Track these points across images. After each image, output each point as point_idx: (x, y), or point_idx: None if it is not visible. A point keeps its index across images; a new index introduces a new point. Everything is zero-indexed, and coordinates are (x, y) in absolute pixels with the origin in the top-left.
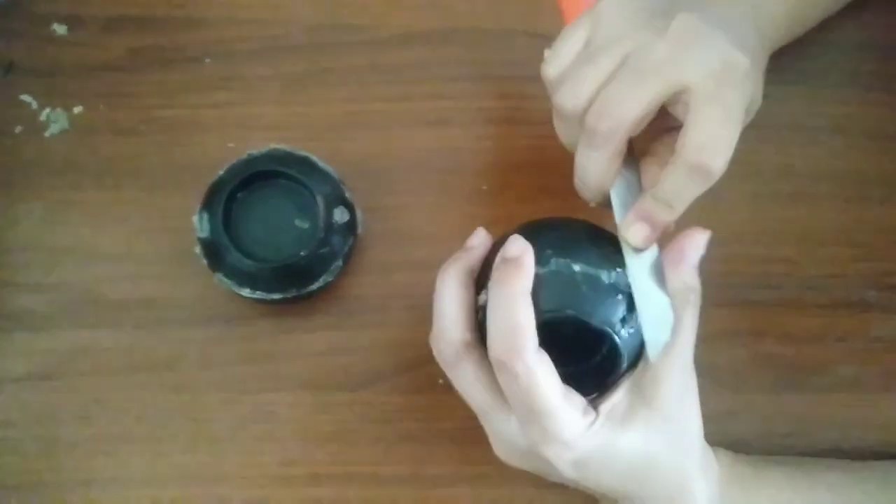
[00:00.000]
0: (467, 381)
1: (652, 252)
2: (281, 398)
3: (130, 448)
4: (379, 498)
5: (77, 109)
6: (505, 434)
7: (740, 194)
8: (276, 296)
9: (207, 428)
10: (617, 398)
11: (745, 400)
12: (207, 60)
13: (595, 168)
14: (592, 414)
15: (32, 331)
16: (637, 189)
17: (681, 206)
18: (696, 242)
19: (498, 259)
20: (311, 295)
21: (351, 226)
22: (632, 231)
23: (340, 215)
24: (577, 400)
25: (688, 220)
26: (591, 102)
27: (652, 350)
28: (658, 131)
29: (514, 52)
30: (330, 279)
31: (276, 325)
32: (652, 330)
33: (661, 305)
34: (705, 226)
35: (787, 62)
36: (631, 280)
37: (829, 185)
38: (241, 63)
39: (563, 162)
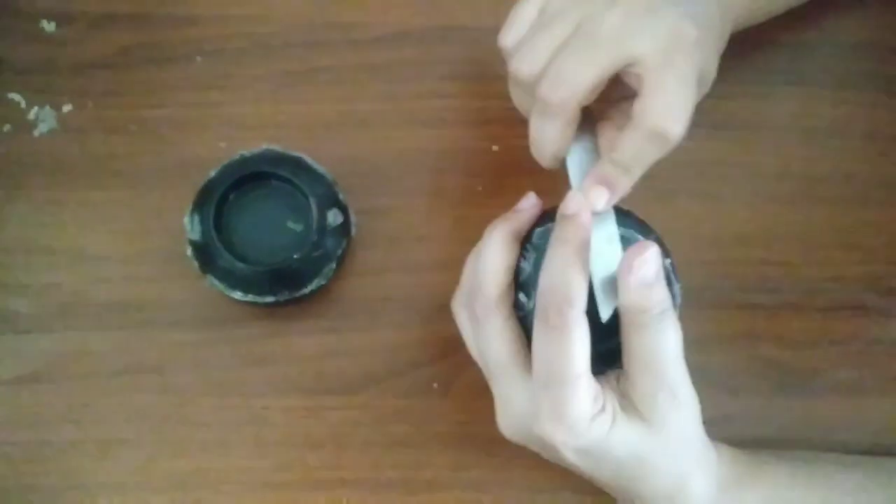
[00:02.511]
0: (495, 335)
1: (609, 219)
2: (273, 402)
3: (120, 452)
4: (372, 502)
5: (66, 108)
6: (515, 402)
7: (737, 196)
8: (269, 299)
9: (199, 432)
10: (611, 393)
11: (741, 403)
12: (199, 59)
13: (549, 136)
14: (601, 401)
15: (21, 333)
16: (594, 155)
17: (638, 171)
18: (638, 261)
19: (557, 217)
20: (303, 298)
21: (344, 228)
22: (591, 194)
23: (334, 217)
24: (594, 385)
25: (685, 221)
26: (544, 70)
27: (603, 312)
28: (614, 99)
29: None
30: (323, 282)
31: (268, 329)
32: (603, 294)
33: (612, 270)
34: (702, 227)
35: (784, 64)
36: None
37: (826, 187)
38: (233, 62)
39: None
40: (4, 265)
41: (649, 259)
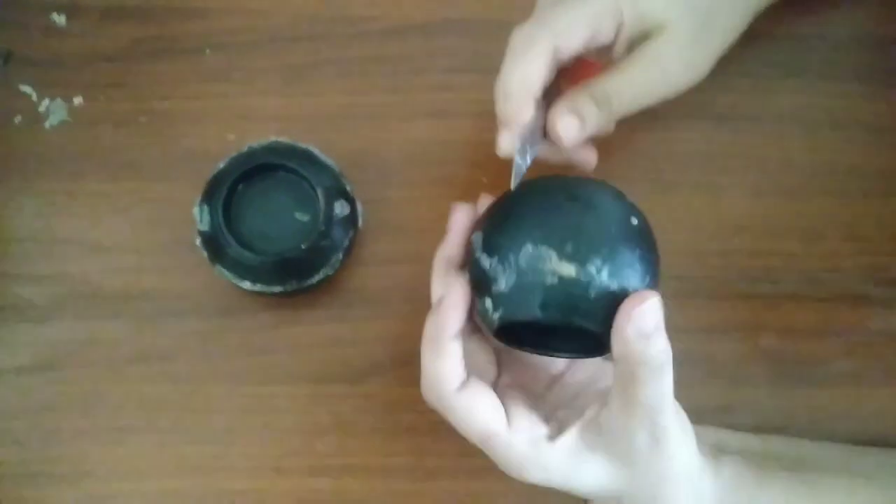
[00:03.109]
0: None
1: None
2: (281, 390)
3: (131, 439)
4: (378, 490)
5: (77, 100)
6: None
7: (739, 188)
8: (277, 289)
9: (208, 420)
10: (577, 431)
11: (742, 393)
12: (208, 51)
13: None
14: (542, 441)
15: (33, 322)
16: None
17: (618, 109)
18: (637, 312)
19: (435, 305)
20: (311, 288)
21: (351, 219)
22: (563, 123)
23: (341, 208)
24: (525, 428)
25: (687, 212)
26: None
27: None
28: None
29: None
30: (330, 272)
31: (276, 318)
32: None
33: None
34: (704, 219)
35: (786, 56)
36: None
37: (828, 179)
38: (241, 54)
39: None
40: (17, 255)
41: (648, 310)
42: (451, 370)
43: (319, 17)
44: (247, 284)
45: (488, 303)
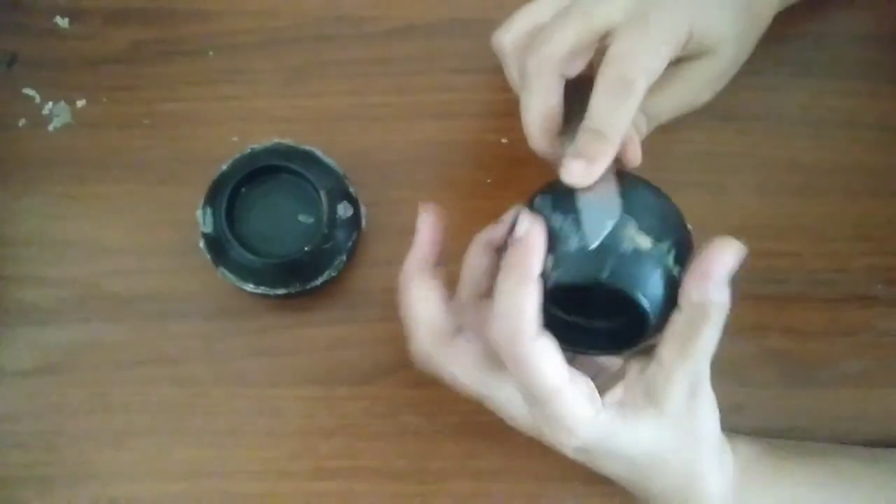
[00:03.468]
0: (458, 371)
1: (608, 186)
2: (285, 392)
3: (135, 442)
4: (383, 492)
5: (80, 103)
6: (508, 405)
7: (746, 188)
8: (281, 291)
9: (212, 422)
10: (621, 390)
11: (750, 394)
12: (210, 53)
13: (533, 108)
14: (598, 401)
15: (37, 325)
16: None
17: (612, 133)
18: (725, 257)
19: (510, 240)
20: (315, 290)
21: (355, 220)
22: (567, 171)
23: (344, 210)
24: (584, 386)
25: (692, 212)
26: (522, 39)
27: (591, 237)
28: None
29: None
30: (334, 274)
31: (280, 320)
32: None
33: (606, 224)
34: (710, 219)
35: (792, 55)
36: (580, 210)
37: (835, 178)
38: (244, 56)
39: None
40: (21, 258)
41: (731, 260)
42: (533, 311)
43: (322, 19)
44: (250, 287)
45: (549, 261)
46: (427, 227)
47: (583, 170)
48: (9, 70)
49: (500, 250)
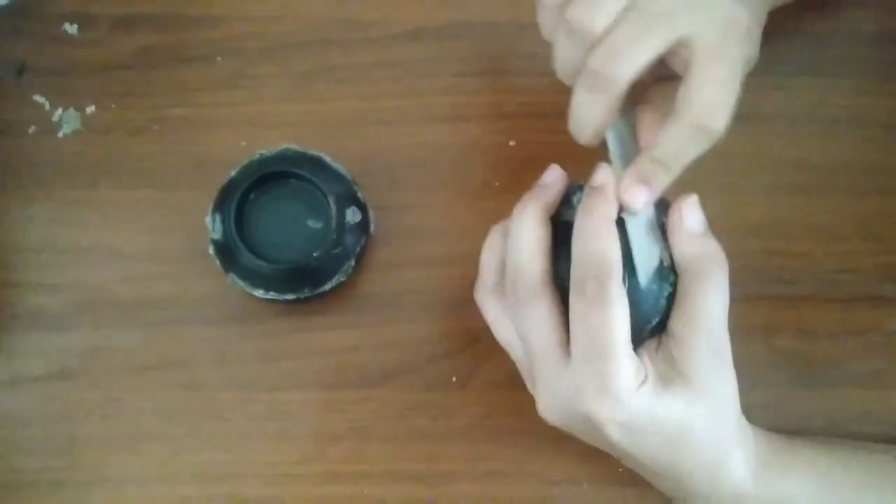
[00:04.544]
0: (540, 317)
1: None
2: (295, 396)
3: (147, 446)
4: (392, 495)
5: (89, 109)
6: (556, 383)
7: (755, 188)
8: (290, 296)
9: (222, 426)
10: (649, 364)
11: (760, 395)
12: (219, 58)
13: (594, 112)
14: (644, 372)
15: (49, 330)
16: (630, 138)
17: (678, 168)
18: (689, 211)
19: (586, 188)
20: (324, 294)
21: (363, 225)
22: (630, 194)
23: (352, 215)
24: (635, 357)
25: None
26: (602, 32)
27: (643, 277)
28: (650, 79)
29: (525, 46)
30: (343, 279)
31: (289, 325)
32: (647, 281)
33: (654, 259)
34: (719, 220)
35: (801, 53)
36: (630, 237)
37: (844, 177)
38: (252, 61)
39: (575, 156)
40: (31, 264)
41: (692, 208)
42: (617, 253)
43: (329, 23)
44: (260, 292)
45: None
46: (557, 180)
47: (645, 196)
48: (18, 77)
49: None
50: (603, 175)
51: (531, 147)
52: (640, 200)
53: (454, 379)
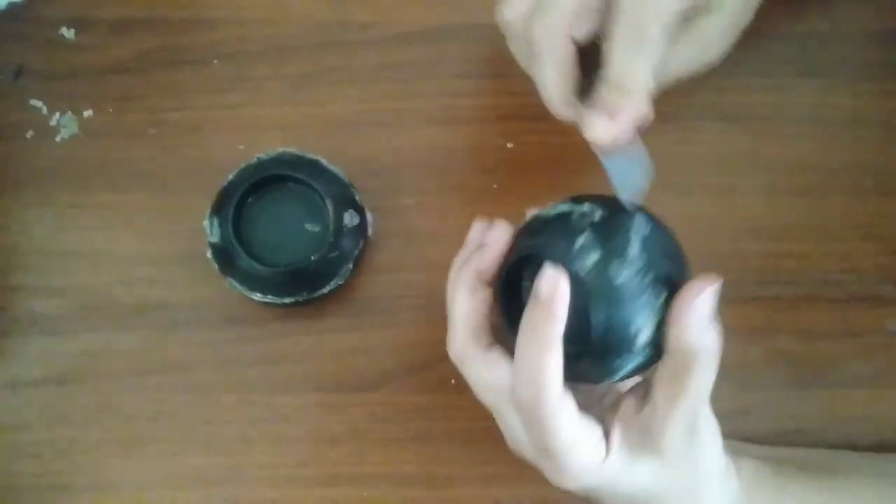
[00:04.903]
0: (472, 380)
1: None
2: (294, 400)
3: (145, 450)
4: (392, 497)
5: (87, 113)
6: (517, 432)
7: (753, 188)
8: (288, 299)
9: (222, 430)
10: (620, 430)
11: (758, 397)
12: (215, 61)
13: (549, 77)
14: (604, 448)
15: (47, 334)
16: (639, 168)
17: (633, 84)
18: (704, 297)
19: (532, 297)
20: (322, 298)
21: (361, 229)
22: (592, 129)
23: (350, 219)
24: (594, 434)
25: (700, 214)
26: (525, 9)
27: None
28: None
29: None
30: (340, 282)
31: (287, 328)
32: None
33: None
34: (718, 220)
35: (799, 55)
36: (611, 177)
37: (843, 178)
38: (249, 64)
39: (574, 159)
40: (30, 268)
41: (708, 299)
42: (558, 374)
43: (327, 25)
44: (257, 296)
45: None
46: (496, 241)
47: (606, 124)
48: (16, 82)
49: (490, 282)
50: (547, 285)
51: (529, 149)
52: (606, 133)
53: (452, 382)
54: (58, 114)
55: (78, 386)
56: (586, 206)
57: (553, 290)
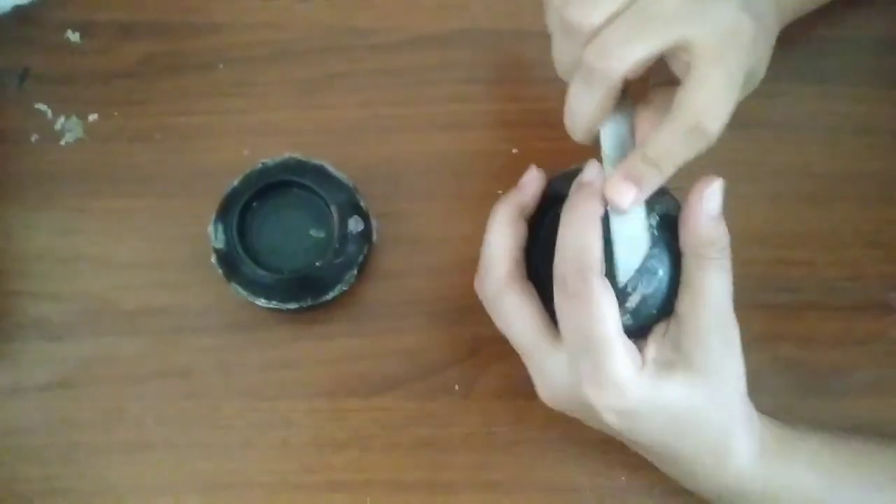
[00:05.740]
0: (512, 314)
1: (638, 211)
2: (297, 405)
3: (149, 455)
4: (395, 503)
5: (92, 117)
6: (551, 372)
7: (758, 195)
8: (292, 305)
9: (225, 435)
10: (653, 348)
11: (763, 404)
12: (221, 66)
13: (586, 107)
14: (640, 358)
15: (51, 339)
16: (628, 135)
17: (669, 169)
18: (710, 194)
19: (575, 184)
20: (326, 304)
21: (365, 234)
22: (617, 191)
23: (355, 224)
24: (630, 344)
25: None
26: (597, 29)
27: (622, 275)
28: (656, 81)
29: (527, 53)
30: (345, 288)
31: (292, 333)
32: (625, 256)
33: (636, 259)
34: None
35: (805, 61)
36: (613, 236)
37: (848, 185)
38: (254, 69)
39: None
40: (34, 273)
41: (717, 191)
42: (599, 251)
43: (332, 31)
44: (262, 301)
45: None
46: (532, 181)
47: (633, 194)
48: (21, 85)
49: (529, 220)
50: (592, 171)
51: (534, 155)
52: (627, 199)
53: (457, 388)
54: (63, 117)
55: (81, 391)
56: None
57: (596, 176)
